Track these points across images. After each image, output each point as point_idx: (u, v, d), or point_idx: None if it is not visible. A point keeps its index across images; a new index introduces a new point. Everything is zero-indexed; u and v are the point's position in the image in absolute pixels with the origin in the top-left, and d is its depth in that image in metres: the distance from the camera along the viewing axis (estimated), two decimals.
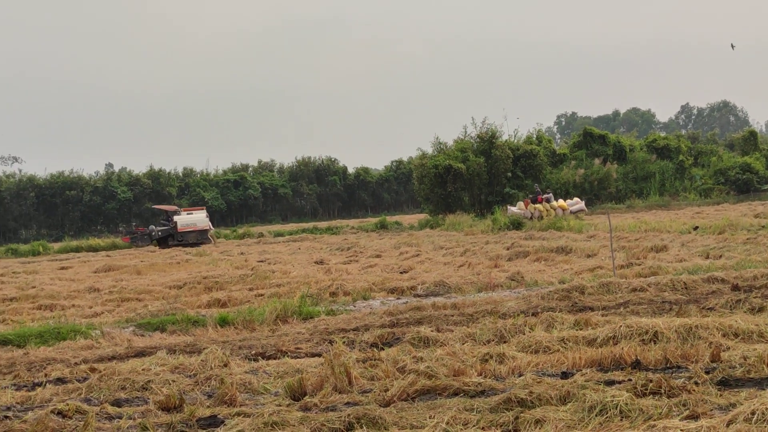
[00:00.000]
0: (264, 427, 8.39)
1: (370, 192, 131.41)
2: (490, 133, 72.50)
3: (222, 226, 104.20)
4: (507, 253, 29.47)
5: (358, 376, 10.52)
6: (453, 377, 10.05)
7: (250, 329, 16.62)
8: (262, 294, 21.89)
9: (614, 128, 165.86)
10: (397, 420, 8.38)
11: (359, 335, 14.56)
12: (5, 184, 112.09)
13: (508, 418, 8.09)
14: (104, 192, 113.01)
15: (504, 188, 70.07)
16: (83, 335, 16.47)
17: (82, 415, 9.57)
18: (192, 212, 59.84)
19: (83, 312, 21.23)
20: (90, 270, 37.59)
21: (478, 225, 50.07)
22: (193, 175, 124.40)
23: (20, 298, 25.04)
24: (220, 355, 12.55)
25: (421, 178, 72.55)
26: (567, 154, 79.90)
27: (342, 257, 34.99)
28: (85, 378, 12.13)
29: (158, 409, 9.83)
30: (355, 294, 20.96)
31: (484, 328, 13.66)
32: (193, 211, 60.12)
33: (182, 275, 29.32)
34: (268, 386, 10.87)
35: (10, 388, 12.01)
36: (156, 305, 21.08)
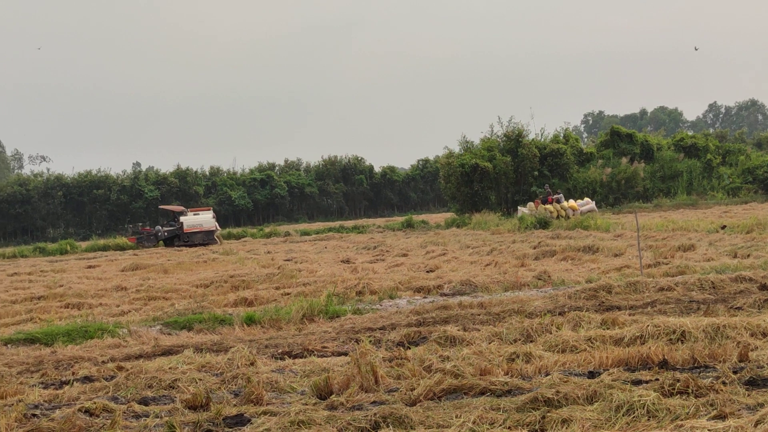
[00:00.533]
0: (290, 426, 8.40)
1: (397, 191, 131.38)
2: (516, 131, 72.35)
3: (249, 224, 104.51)
4: (534, 252, 29.41)
5: (385, 375, 10.52)
6: (479, 376, 10.03)
7: (277, 328, 16.64)
8: (289, 293, 21.90)
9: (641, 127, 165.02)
10: (423, 419, 8.37)
11: (386, 334, 14.56)
12: (33, 183, 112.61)
13: (534, 417, 8.08)
14: (131, 191, 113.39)
15: (531, 187, 69.88)
16: (110, 334, 16.52)
17: (110, 413, 9.61)
18: (198, 213, 59.99)
19: (110, 310, 21.31)
20: (117, 269, 37.71)
21: (505, 224, 49.98)
22: (219, 173, 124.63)
23: (48, 297, 25.15)
24: (247, 354, 12.57)
25: (447, 176, 72.42)
26: (594, 153, 79.60)
27: (368, 256, 34.97)
28: (113, 376, 12.17)
29: (185, 408, 9.85)
30: (382, 293, 20.95)
31: (511, 327, 13.64)
32: (200, 212, 60.27)
33: (209, 274, 29.37)
34: (294, 385, 10.89)
35: (37, 386, 12.06)
36: (183, 304, 21.13)
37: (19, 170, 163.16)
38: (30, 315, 21.31)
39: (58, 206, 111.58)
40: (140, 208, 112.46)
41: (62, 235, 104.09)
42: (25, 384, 12.25)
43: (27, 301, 24.83)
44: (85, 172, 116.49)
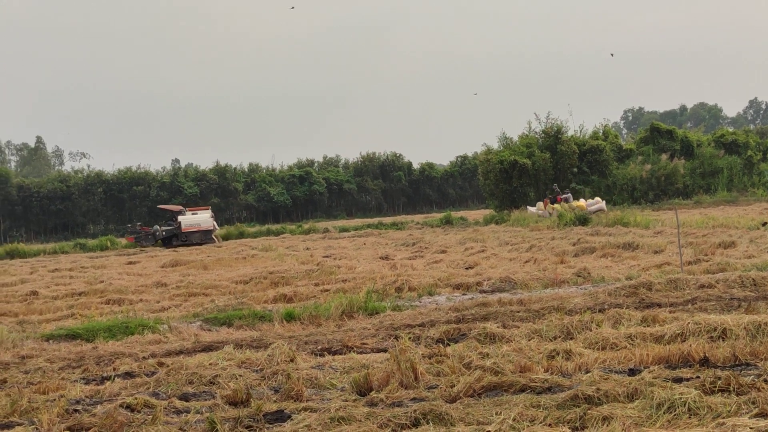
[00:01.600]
0: (330, 422, 8.42)
1: (435, 187, 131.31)
2: (555, 128, 72.12)
3: (287, 221, 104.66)
4: (573, 249, 29.31)
5: (424, 371, 10.52)
6: (519, 373, 10.02)
7: (316, 324, 16.67)
8: (328, 289, 21.94)
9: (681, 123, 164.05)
10: (463, 416, 8.37)
11: (425, 331, 14.56)
12: (74, 180, 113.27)
13: (575, 414, 8.06)
14: (171, 187, 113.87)
15: (570, 183, 69.61)
16: (151, 330, 16.60)
17: (151, 409, 9.66)
18: (197, 212, 60.13)
19: (151, 306, 21.42)
20: (157, 265, 37.90)
21: (544, 221, 49.80)
22: (258, 170, 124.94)
23: (89, 293, 25.33)
24: (287, 350, 12.61)
25: (486, 173, 72.28)
26: (633, 149, 79.13)
27: (407, 253, 34.97)
28: (153, 372, 12.25)
29: (225, 404, 9.90)
30: (421, 290, 20.94)
31: (551, 324, 13.61)
32: (198, 211, 60.41)
33: (248, 270, 29.47)
34: (334, 381, 10.91)
35: (79, 381, 12.14)
36: (223, 300, 21.21)
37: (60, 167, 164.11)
38: (71, 311, 21.47)
39: (98, 202, 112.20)
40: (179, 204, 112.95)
41: (102, 231, 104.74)
42: (66, 379, 12.34)
43: (68, 297, 25.02)
44: (125, 168, 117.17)
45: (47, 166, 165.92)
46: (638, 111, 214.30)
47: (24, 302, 24.12)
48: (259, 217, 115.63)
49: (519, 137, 74.70)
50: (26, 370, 13.41)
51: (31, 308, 22.60)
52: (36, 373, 13.12)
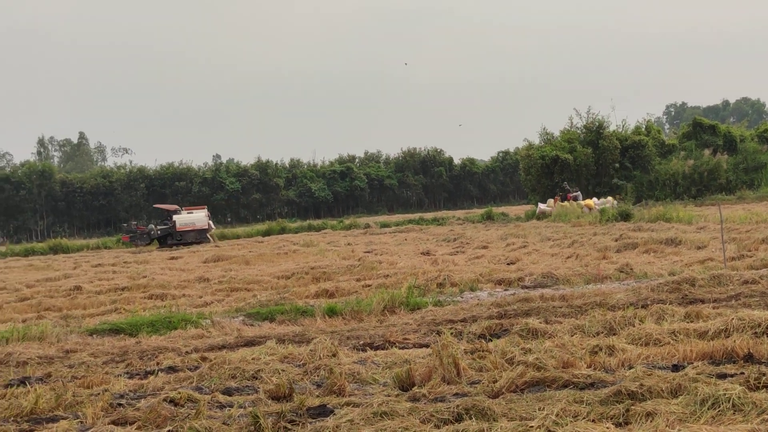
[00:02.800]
0: (373, 417, 8.42)
1: (476, 183, 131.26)
2: (597, 123, 71.85)
3: (329, 216, 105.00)
4: (615, 244, 29.16)
5: (467, 367, 10.52)
6: (562, 369, 10.00)
7: (358, 319, 16.69)
8: (370, 285, 21.94)
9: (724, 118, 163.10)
10: (506, 411, 8.36)
11: (467, 326, 14.54)
12: (116, 176, 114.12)
13: (618, 410, 8.03)
14: (213, 183, 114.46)
15: (612, 179, 69.34)
16: (194, 324, 16.69)
17: (194, 403, 9.71)
18: (192, 212, 60.10)
19: (193, 301, 21.54)
20: (199, 260, 38.09)
21: (586, 216, 49.59)
22: (300, 166, 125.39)
23: (132, 288, 25.49)
24: (329, 345, 12.62)
25: (527, 168, 72.18)
26: (676, 144, 78.64)
27: (448, 248, 34.94)
28: (196, 367, 12.30)
29: (268, 398, 9.93)
30: (462, 285, 20.91)
31: (593, 320, 13.56)
32: (194, 211, 60.40)
33: (290, 266, 29.54)
34: (376, 376, 10.92)
35: (123, 376, 12.23)
36: (265, 295, 21.28)
37: (103, 163, 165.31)
38: (114, 306, 21.62)
39: (141, 198, 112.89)
40: (221, 199, 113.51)
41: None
42: (110, 374, 12.43)
43: (111, 291, 25.19)
44: (167, 164, 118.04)
45: (90, 161, 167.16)
46: (681, 106, 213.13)
47: (68, 297, 24.30)
48: (300, 212, 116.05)
49: (560, 132, 74.52)
50: (71, 365, 13.51)
51: (75, 303, 22.77)
52: (80, 367, 13.22)
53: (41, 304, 22.89)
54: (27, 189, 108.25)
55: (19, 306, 22.94)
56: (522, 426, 7.72)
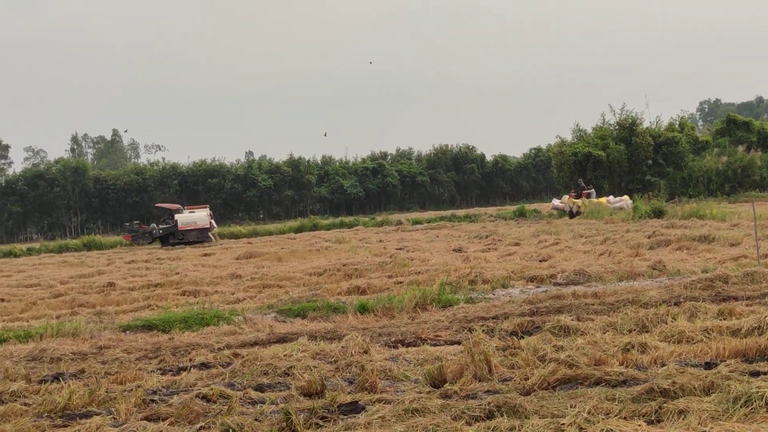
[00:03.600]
0: (404, 414, 8.44)
1: (509, 179, 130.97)
2: (630, 120, 71.56)
3: (360, 213, 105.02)
4: (648, 241, 29.03)
5: (498, 364, 10.52)
6: (594, 366, 9.99)
7: (390, 316, 16.70)
8: (401, 281, 21.95)
9: (758, 115, 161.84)
10: (537, 409, 8.36)
11: (499, 323, 14.52)
12: (149, 172, 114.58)
13: (650, 408, 8.02)
14: (245, 180, 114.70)
15: (645, 176, 69.07)
16: (226, 321, 16.75)
17: (226, 399, 9.76)
18: (194, 211, 60.07)
19: (226, 298, 21.60)
20: (232, 257, 38.21)
21: (619, 213, 49.41)
22: (332, 162, 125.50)
23: (165, 284, 25.62)
24: (361, 342, 12.65)
25: (560, 165, 72.05)
26: (709, 141, 78.21)
27: (480, 245, 34.88)
28: (229, 363, 12.35)
29: (300, 395, 9.97)
30: (494, 282, 20.89)
31: (626, 317, 13.53)
32: (196, 210, 60.37)
33: (322, 262, 29.59)
34: (408, 373, 10.94)
35: (156, 372, 12.29)
36: (297, 292, 21.30)
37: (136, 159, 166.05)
38: (147, 302, 21.72)
39: (174, 195, 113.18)
40: (254, 196, 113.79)
41: None
42: (143, 370, 12.50)
43: (144, 288, 25.32)
44: (200, 161, 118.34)
45: (123, 158, 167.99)
46: (714, 103, 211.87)
47: (101, 293, 24.45)
48: (332, 209, 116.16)
49: (593, 129, 74.28)
50: (104, 361, 13.59)
51: (108, 299, 22.90)
52: (113, 363, 13.29)
53: (75, 300, 23.03)
54: (61, 186, 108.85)
55: (53, 302, 23.09)
56: (554, 423, 7.72)
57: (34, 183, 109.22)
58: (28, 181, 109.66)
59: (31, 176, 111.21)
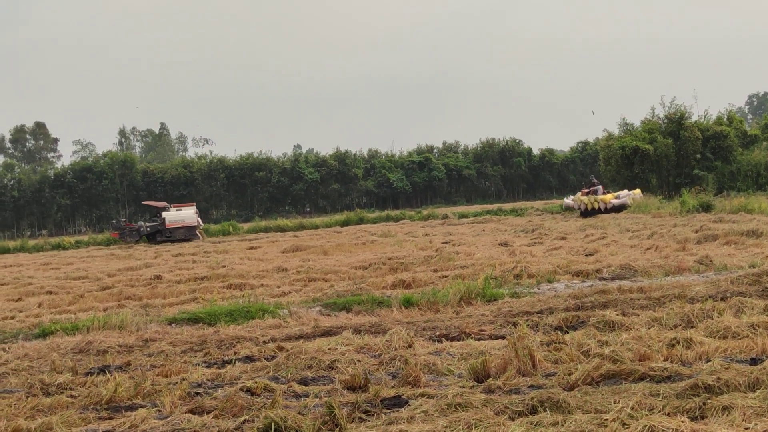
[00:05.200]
0: (448, 408, 8.45)
1: (555, 173, 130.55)
2: (678, 113, 71.01)
3: (407, 207, 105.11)
4: (695, 236, 28.83)
5: (542, 359, 10.50)
6: (638, 362, 9.95)
7: (434, 310, 16.68)
8: (447, 275, 21.91)
9: None
10: (581, 404, 8.33)
11: (543, 318, 14.49)
12: (197, 166, 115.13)
13: (694, 404, 7.97)
14: (292, 173, 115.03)
15: (693, 170, 68.54)
16: (271, 314, 16.80)
17: (270, 393, 9.81)
18: (181, 209, 60.08)
19: (271, 291, 21.65)
20: (278, 250, 38.31)
21: (666, 207, 49.11)
22: (378, 156, 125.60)
23: (211, 277, 25.73)
24: (405, 336, 12.67)
25: (607, 159, 71.62)
26: (758, 134, 77.36)
27: (526, 239, 34.78)
28: (273, 356, 12.40)
29: (344, 389, 10.00)
30: (540, 276, 20.83)
31: (671, 312, 13.47)
32: (183, 208, 60.39)
33: (368, 256, 29.59)
34: (451, 368, 10.94)
35: (201, 365, 12.36)
36: (342, 285, 21.33)
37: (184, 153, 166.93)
38: (193, 295, 21.82)
39: (221, 188, 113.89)
40: (300, 190, 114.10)
41: (225, 216, 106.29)
42: (188, 363, 12.57)
43: (191, 281, 25.45)
44: (247, 154, 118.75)
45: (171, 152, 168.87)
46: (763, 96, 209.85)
47: (148, 286, 24.60)
48: (378, 202, 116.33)
49: (641, 123, 73.77)
50: (149, 353, 13.69)
51: (155, 292, 23.03)
52: (159, 356, 13.38)
53: (122, 293, 23.20)
54: (109, 179, 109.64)
55: (100, 295, 23.26)
56: (597, 419, 7.70)
57: (82, 176, 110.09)
58: (76, 174, 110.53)
59: (80, 169, 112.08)
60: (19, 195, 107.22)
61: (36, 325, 17.84)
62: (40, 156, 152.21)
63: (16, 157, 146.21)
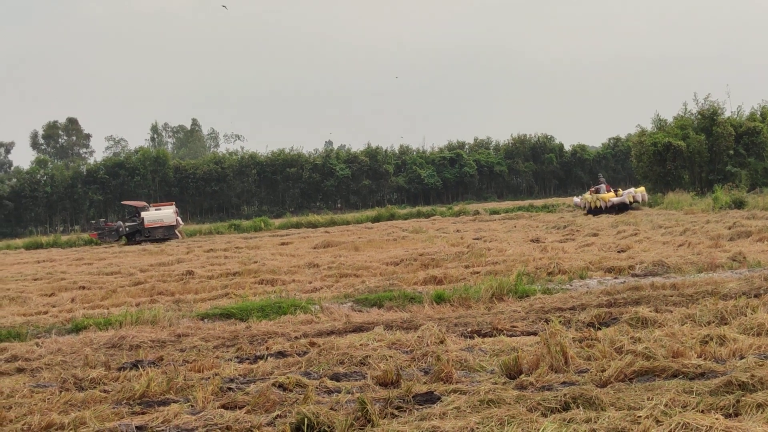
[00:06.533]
0: (480, 404, 8.44)
1: (587, 169, 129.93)
2: (711, 109, 70.61)
3: (437, 203, 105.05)
4: (728, 232, 28.70)
5: (575, 355, 10.48)
6: (672, 359, 9.91)
7: (466, 307, 16.67)
8: (478, 272, 21.89)
9: None
10: (614, 401, 8.31)
11: (575, 315, 14.47)
12: (228, 162, 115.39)
13: (728, 401, 7.94)
14: (323, 169, 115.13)
15: (725, 166, 68.16)
16: (303, 310, 16.84)
17: (302, 388, 9.82)
18: (160, 208, 60.01)
19: (303, 287, 21.68)
20: (309, 246, 38.36)
21: (699, 204, 48.95)
22: (409, 152, 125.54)
23: (243, 273, 25.78)
24: (436, 332, 12.67)
25: (639, 155, 71.32)
26: None
27: (558, 235, 34.71)
28: (305, 352, 12.43)
29: (375, 384, 10.01)
30: (572, 273, 20.78)
31: (704, 309, 13.40)
32: (162, 207, 60.30)
33: (399, 252, 29.58)
34: (483, 364, 10.94)
35: (233, 360, 12.40)
36: (373, 281, 21.34)
37: (215, 149, 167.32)
38: (225, 291, 21.87)
39: (252, 184, 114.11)
40: (332, 186, 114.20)
41: (256, 212, 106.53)
42: (221, 358, 12.62)
43: (222, 276, 25.51)
44: (278, 150, 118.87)
45: (203, 148, 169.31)
46: None
47: (180, 282, 24.67)
48: (409, 198, 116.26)
49: (674, 119, 73.41)
50: (182, 349, 13.75)
51: (187, 287, 23.09)
52: (191, 351, 13.43)
53: (154, 288, 23.27)
54: (141, 175, 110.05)
55: (132, 290, 23.36)
56: (630, 416, 7.67)
57: (114, 172, 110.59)
58: (109, 170, 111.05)
59: (112, 165, 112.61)
60: (52, 191, 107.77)
61: (69, 320, 17.93)
62: (72, 152, 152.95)
63: (48, 153, 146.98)
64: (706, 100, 71.75)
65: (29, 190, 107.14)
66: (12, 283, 28.08)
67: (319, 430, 8.09)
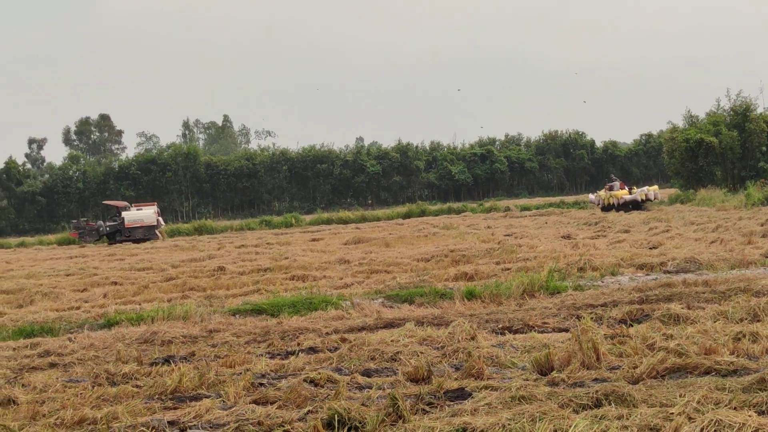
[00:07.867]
0: (511, 401, 8.43)
1: (619, 166, 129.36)
2: (744, 105, 70.15)
3: (468, 199, 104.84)
4: (761, 229, 28.52)
5: (606, 352, 10.45)
6: (704, 356, 9.87)
7: (497, 303, 16.66)
8: (509, 268, 21.86)
9: None
10: (646, 398, 8.28)
11: (607, 311, 14.43)
12: (259, 158, 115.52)
13: (761, 398, 7.89)
14: (354, 165, 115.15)
15: (758, 162, 67.71)
16: (334, 306, 16.87)
17: (334, 384, 9.85)
18: (141, 208, 60.00)
19: (334, 283, 21.72)
20: (340, 242, 38.40)
21: (731, 200, 48.70)
22: (440, 148, 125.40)
23: (274, 269, 25.82)
24: (467, 328, 12.67)
25: (671, 152, 70.92)
26: None
27: (589, 232, 34.63)
28: (336, 348, 12.46)
29: (407, 380, 10.03)
30: (603, 269, 20.73)
31: (737, 306, 13.33)
32: (143, 207, 60.29)
33: (430, 248, 29.57)
34: (515, 360, 10.94)
35: (264, 356, 12.44)
36: (404, 277, 21.35)
37: (246, 145, 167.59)
38: (256, 286, 21.93)
39: (283, 180, 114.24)
40: (362, 182, 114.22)
41: (287, 208, 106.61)
42: (252, 354, 12.66)
43: (254, 272, 25.56)
44: (309, 146, 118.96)
45: (234, 144, 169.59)
46: None
47: (212, 277, 24.75)
48: (440, 195, 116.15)
49: (706, 115, 72.99)
50: (213, 344, 13.81)
51: (219, 283, 23.17)
52: (223, 346, 13.49)
53: (186, 284, 23.35)
54: (173, 171, 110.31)
55: (164, 286, 23.45)
56: (662, 412, 7.65)
57: (146, 168, 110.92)
58: (140, 166, 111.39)
59: (144, 161, 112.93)
60: (84, 186, 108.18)
61: (101, 315, 18.05)
62: (104, 148, 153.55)
63: (81, 149, 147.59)
64: (739, 96, 71.34)
65: (62, 186, 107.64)
66: (45, 278, 28.22)
67: (351, 426, 8.10)
